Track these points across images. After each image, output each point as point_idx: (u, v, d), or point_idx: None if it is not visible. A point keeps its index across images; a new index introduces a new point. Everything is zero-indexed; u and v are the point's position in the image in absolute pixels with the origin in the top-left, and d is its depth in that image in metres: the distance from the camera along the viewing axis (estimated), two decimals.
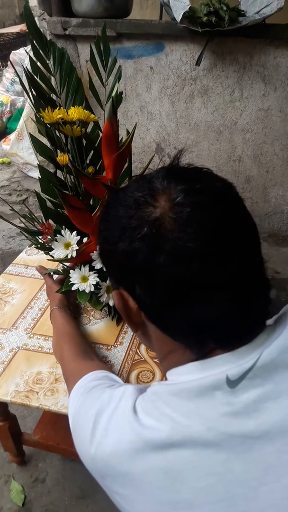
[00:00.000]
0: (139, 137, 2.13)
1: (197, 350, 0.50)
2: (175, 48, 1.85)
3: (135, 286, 0.50)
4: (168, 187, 0.48)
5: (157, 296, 0.48)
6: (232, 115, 1.98)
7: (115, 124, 0.90)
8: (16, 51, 3.52)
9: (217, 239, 0.45)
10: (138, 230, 0.47)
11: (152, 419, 0.49)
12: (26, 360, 0.97)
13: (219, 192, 0.49)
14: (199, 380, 0.48)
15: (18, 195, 2.87)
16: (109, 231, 0.52)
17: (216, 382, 0.47)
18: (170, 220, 0.45)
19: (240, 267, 0.46)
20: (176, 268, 0.45)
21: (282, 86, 1.86)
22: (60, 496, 1.35)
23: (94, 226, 0.93)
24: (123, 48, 1.90)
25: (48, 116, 0.89)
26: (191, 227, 0.45)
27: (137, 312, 0.53)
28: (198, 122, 2.03)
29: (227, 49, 1.81)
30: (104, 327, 1.06)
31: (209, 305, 0.46)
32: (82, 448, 0.55)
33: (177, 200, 0.46)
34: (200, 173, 0.52)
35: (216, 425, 0.46)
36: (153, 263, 0.46)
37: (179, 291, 0.46)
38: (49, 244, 0.97)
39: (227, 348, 0.49)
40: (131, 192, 0.51)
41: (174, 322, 0.50)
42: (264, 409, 0.46)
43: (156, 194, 0.48)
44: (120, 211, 0.51)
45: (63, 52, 1.03)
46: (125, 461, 0.48)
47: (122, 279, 0.53)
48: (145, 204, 0.48)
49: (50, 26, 1.89)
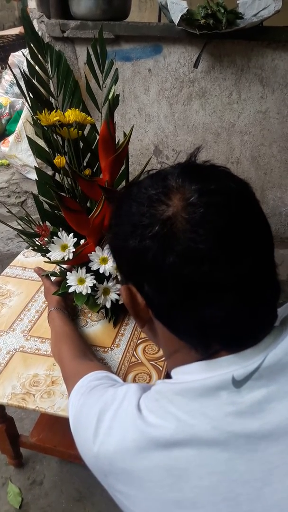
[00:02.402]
0: (137, 139, 2.13)
1: (202, 350, 0.50)
2: (173, 51, 1.85)
3: (143, 284, 0.50)
4: (182, 185, 0.48)
5: (165, 295, 0.48)
6: (230, 117, 1.98)
7: (112, 126, 0.90)
8: (15, 53, 3.52)
9: (228, 242, 0.45)
10: (150, 228, 0.47)
11: (157, 417, 0.49)
12: (23, 362, 0.97)
13: (234, 193, 0.48)
14: (204, 380, 0.48)
15: (17, 197, 2.86)
16: (120, 226, 0.52)
17: (222, 382, 0.47)
18: (182, 220, 0.45)
19: (251, 271, 0.46)
20: (185, 269, 0.44)
21: (280, 88, 1.86)
22: (58, 499, 1.35)
23: (91, 228, 0.93)
24: (121, 50, 1.90)
25: (45, 118, 0.89)
26: (203, 229, 0.44)
27: (144, 309, 0.53)
28: (196, 124, 2.03)
29: (225, 51, 1.81)
30: (101, 329, 1.06)
31: (217, 307, 0.46)
32: (84, 447, 0.55)
33: (190, 200, 0.46)
34: (216, 172, 0.51)
35: (220, 425, 0.46)
36: (162, 262, 0.45)
37: (187, 291, 0.46)
38: (46, 246, 0.97)
39: (232, 350, 0.49)
40: (145, 188, 0.51)
41: (180, 321, 0.50)
42: (269, 409, 0.46)
43: (170, 192, 0.48)
44: (133, 208, 0.50)
45: (60, 54, 1.03)
46: (129, 459, 0.49)
47: (131, 275, 0.53)
48: (158, 202, 0.48)
49: (48, 29, 1.89)
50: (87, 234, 0.96)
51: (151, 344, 1.01)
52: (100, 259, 0.94)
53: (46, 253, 0.97)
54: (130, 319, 1.09)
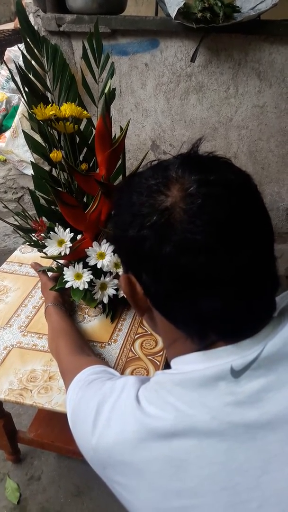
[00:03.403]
0: (134, 134, 2.12)
1: (198, 340, 0.51)
2: (170, 45, 1.84)
3: (141, 273, 0.50)
4: (182, 176, 0.48)
5: (162, 285, 0.48)
6: (227, 111, 1.97)
7: (108, 120, 0.89)
8: (11, 48, 3.49)
9: (226, 233, 0.45)
10: (148, 218, 0.47)
11: (156, 408, 0.49)
12: (20, 358, 0.96)
13: (234, 184, 0.48)
14: (203, 370, 0.49)
15: (14, 192, 2.85)
16: (120, 216, 0.53)
17: (220, 372, 0.47)
18: (180, 211, 0.45)
19: (248, 262, 0.46)
20: (182, 259, 0.45)
21: (277, 83, 1.85)
22: (56, 494, 1.35)
23: (88, 223, 0.93)
24: (118, 44, 1.89)
25: (41, 113, 0.89)
26: (201, 220, 0.44)
27: (143, 298, 0.54)
28: (194, 119, 2.02)
29: (222, 45, 1.80)
30: (99, 325, 1.06)
31: (213, 298, 0.46)
32: (82, 440, 0.55)
33: (189, 191, 0.46)
34: (217, 163, 0.51)
35: (219, 415, 0.46)
36: (159, 252, 0.46)
37: (184, 282, 0.46)
38: (42, 242, 0.97)
39: (230, 341, 0.49)
40: (146, 178, 0.51)
41: (177, 311, 0.50)
42: (267, 399, 0.46)
43: (170, 182, 0.48)
44: (133, 197, 0.50)
45: (56, 48, 1.02)
46: (128, 451, 0.49)
47: (130, 265, 0.54)
48: (157, 192, 0.48)
49: (44, 23, 1.87)
50: (84, 229, 0.95)
51: (148, 339, 1.01)
52: (97, 254, 0.94)
53: (42, 248, 0.97)
54: (128, 314, 1.09)
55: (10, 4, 6.65)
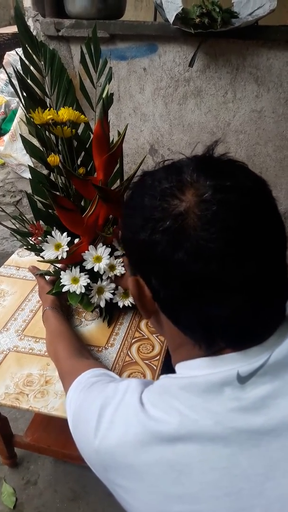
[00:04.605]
0: (133, 138, 2.12)
1: (206, 347, 0.50)
2: (168, 50, 1.85)
3: (151, 277, 0.50)
4: (197, 181, 0.47)
5: (171, 290, 0.48)
6: (225, 116, 1.98)
7: (106, 125, 0.89)
8: (10, 52, 3.50)
9: (239, 242, 0.44)
10: (161, 222, 0.46)
11: (160, 411, 0.49)
12: (16, 362, 0.96)
13: (250, 191, 0.47)
14: (209, 375, 0.48)
15: (12, 196, 2.85)
16: (131, 218, 0.52)
17: (226, 378, 0.47)
18: (194, 217, 0.45)
19: (259, 271, 0.45)
20: (193, 266, 0.44)
21: (275, 87, 1.86)
22: (52, 498, 1.35)
23: (85, 227, 0.93)
24: (117, 49, 1.90)
25: (38, 117, 0.89)
26: (214, 227, 0.44)
27: (151, 301, 0.53)
28: (192, 123, 2.03)
29: (220, 50, 1.81)
30: (96, 329, 1.06)
31: (223, 306, 0.46)
32: (84, 442, 0.55)
33: (204, 197, 0.45)
34: (233, 167, 0.50)
35: (223, 420, 0.46)
36: (171, 258, 0.45)
37: (194, 289, 0.45)
38: (39, 245, 0.97)
39: (237, 348, 0.49)
40: (159, 181, 0.50)
41: (185, 317, 0.50)
42: (273, 405, 0.46)
43: (184, 187, 0.47)
44: (145, 200, 0.50)
45: (54, 53, 1.03)
46: (131, 453, 0.48)
47: (139, 267, 0.53)
48: (171, 196, 0.47)
49: (43, 27, 1.88)
50: (81, 233, 0.95)
51: (145, 343, 1.01)
52: (94, 257, 0.94)
53: (40, 252, 0.97)
54: (125, 318, 1.09)
55: (9, 8, 6.66)
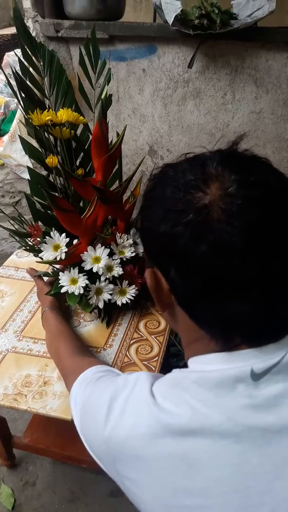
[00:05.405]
0: (132, 139, 2.12)
1: (222, 343, 0.50)
2: (167, 51, 1.85)
3: (170, 269, 0.49)
4: (222, 174, 0.46)
5: (191, 284, 0.47)
6: (224, 117, 1.98)
7: (105, 126, 0.90)
8: (9, 53, 3.51)
9: (263, 238, 0.44)
10: (184, 214, 0.45)
11: (171, 404, 0.48)
12: (15, 363, 0.96)
13: (275, 187, 0.46)
14: (222, 370, 0.48)
15: (11, 197, 2.86)
16: (152, 209, 0.51)
17: (240, 374, 0.47)
18: (218, 210, 0.44)
19: (281, 268, 0.45)
20: (215, 261, 0.44)
21: (274, 89, 1.87)
22: (50, 500, 1.35)
23: (84, 228, 0.93)
24: (116, 50, 1.90)
25: (37, 118, 0.89)
26: (239, 221, 0.43)
27: (168, 294, 0.52)
28: (191, 124, 2.03)
29: (219, 52, 1.81)
30: (94, 330, 1.06)
31: (242, 302, 0.45)
32: (93, 434, 0.55)
33: (229, 190, 0.44)
34: (258, 163, 0.50)
35: (235, 416, 0.45)
36: (193, 251, 0.44)
37: (214, 284, 0.45)
38: (38, 246, 0.97)
39: (253, 345, 0.48)
40: (182, 172, 0.49)
41: (203, 312, 0.49)
42: (284, 404, 0.46)
43: (209, 179, 0.46)
44: (167, 191, 0.49)
45: (53, 54, 1.03)
46: (141, 445, 0.48)
47: (158, 260, 0.52)
48: (195, 188, 0.46)
49: (42, 28, 1.88)
50: (79, 234, 0.95)
51: (143, 344, 1.01)
52: (93, 258, 0.94)
53: (38, 253, 0.97)
54: (123, 319, 1.08)
55: (9, 9, 6.66)
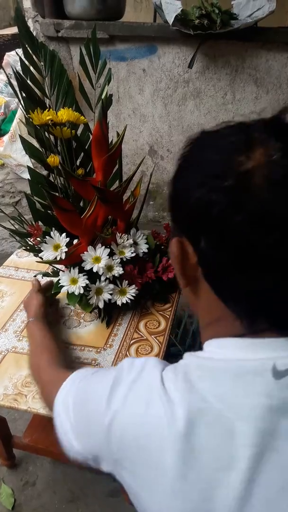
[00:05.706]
0: (132, 139, 2.13)
1: (247, 323, 0.46)
2: (167, 51, 1.85)
3: (201, 239, 0.45)
4: (267, 140, 0.42)
5: (223, 257, 0.43)
6: (224, 117, 1.98)
7: (105, 126, 0.89)
8: (10, 53, 3.51)
9: None
10: (222, 179, 0.41)
11: (181, 394, 0.45)
12: (15, 363, 0.96)
13: None
14: (241, 361, 0.45)
15: (11, 197, 2.86)
16: (187, 172, 0.47)
17: (260, 368, 0.43)
18: (261, 177, 0.40)
19: None
20: (253, 232, 0.40)
21: (274, 89, 1.87)
22: (50, 500, 1.35)
23: (84, 228, 0.93)
24: (116, 50, 1.90)
25: (37, 118, 0.89)
26: (284, 192, 0.39)
27: (194, 266, 0.48)
28: (191, 124, 2.03)
29: (219, 52, 1.81)
30: (94, 330, 1.06)
31: (275, 279, 0.42)
32: (92, 425, 0.51)
33: (273, 158, 0.40)
34: None
35: (249, 416, 0.42)
36: (230, 220, 0.40)
37: (247, 257, 0.41)
38: (38, 246, 0.97)
39: (281, 332, 0.45)
40: (224, 136, 0.45)
41: (232, 287, 0.45)
42: None
43: (253, 144, 0.42)
44: (206, 153, 0.45)
45: (54, 54, 1.03)
46: (144, 435, 0.45)
47: (187, 228, 0.48)
48: (238, 152, 0.42)
49: (43, 28, 1.89)
50: (79, 234, 0.95)
51: (143, 344, 1.00)
52: (93, 258, 0.94)
53: (38, 253, 0.97)
54: (123, 319, 1.08)
55: (9, 9, 6.67)
